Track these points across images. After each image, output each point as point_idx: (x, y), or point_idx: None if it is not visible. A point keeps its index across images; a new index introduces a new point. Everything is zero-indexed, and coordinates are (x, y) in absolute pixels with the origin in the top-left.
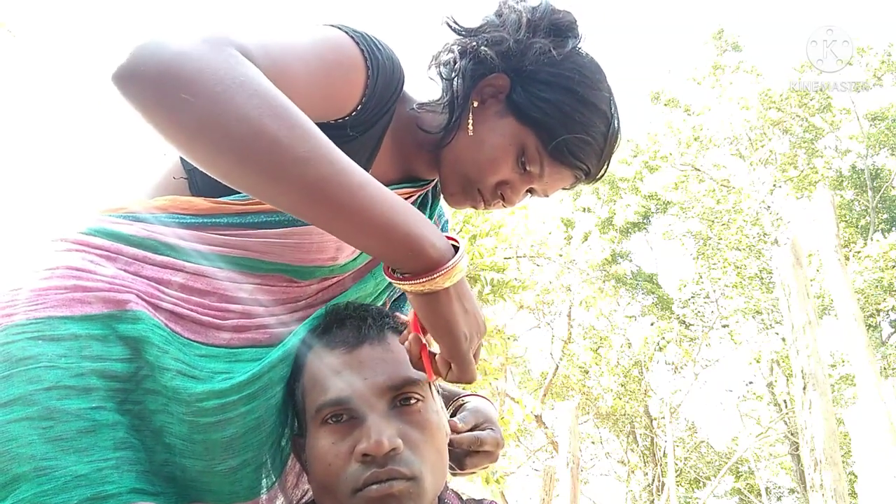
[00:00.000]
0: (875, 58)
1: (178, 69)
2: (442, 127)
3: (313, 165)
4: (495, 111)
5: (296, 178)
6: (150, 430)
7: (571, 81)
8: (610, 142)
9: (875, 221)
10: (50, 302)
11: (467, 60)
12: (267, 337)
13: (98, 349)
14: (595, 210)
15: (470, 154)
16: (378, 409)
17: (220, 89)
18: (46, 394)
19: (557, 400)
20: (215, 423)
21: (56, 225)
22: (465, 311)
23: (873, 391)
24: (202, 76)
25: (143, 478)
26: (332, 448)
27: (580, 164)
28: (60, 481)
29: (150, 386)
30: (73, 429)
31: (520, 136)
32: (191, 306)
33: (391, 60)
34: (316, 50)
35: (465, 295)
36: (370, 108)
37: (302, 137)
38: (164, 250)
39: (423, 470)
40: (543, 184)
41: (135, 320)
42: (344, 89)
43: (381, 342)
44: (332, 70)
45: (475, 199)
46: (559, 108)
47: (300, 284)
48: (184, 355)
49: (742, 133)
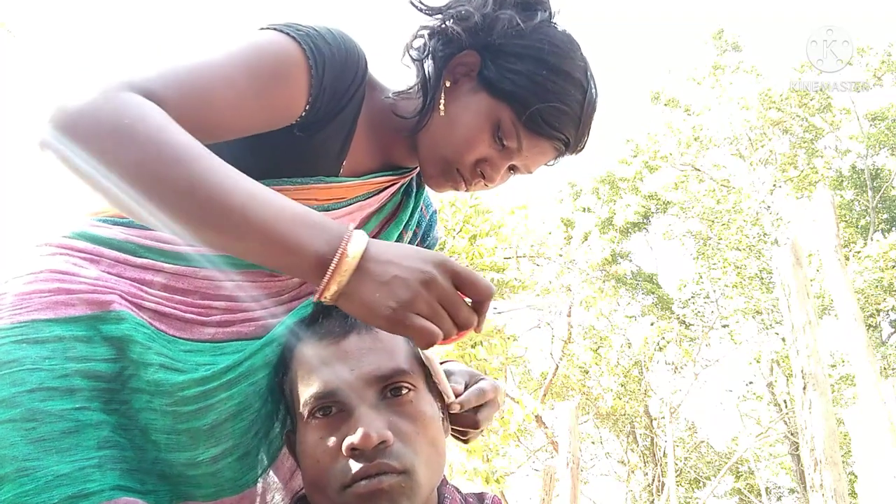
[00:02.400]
0: (875, 58)
1: (74, 128)
2: (417, 111)
3: (193, 195)
4: (468, 89)
5: (183, 210)
6: (138, 429)
7: (541, 52)
8: (587, 110)
9: (875, 221)
10: (34, 305)
11: (436, 40)
12: (252, 330)
13: (82, 350)
14: (595, 210)
15: (445, 134)
16: (367, 400)
17: (109, 145)
18: (30, 396)
19: (557, 400)
20: (196, 410)
21: (43, 229)
22: (378, 284)
23: (873, 391)
24: (97, 133)
25: (129, 476)
26: (320, 443)
27: (557, 135)
28: (42, 481)
29: (136, 385)
30: (55, 429)
31: (494, 111)
32: (174, 304)
33: (343, 50)
34: (245, 64)
35: (375, 269)
36: (323, 104)
37: (180, 173)
38: (143, 253)
39: (415, 463)
40: (524, 158)
41: (118, 320)
42: (285, 94)
43: (369, 331)
44: (266, 80)
45: (455, 180)
46: (531, 78)
47: (281, 279)
48: (168, 350)
49: (742, 133)
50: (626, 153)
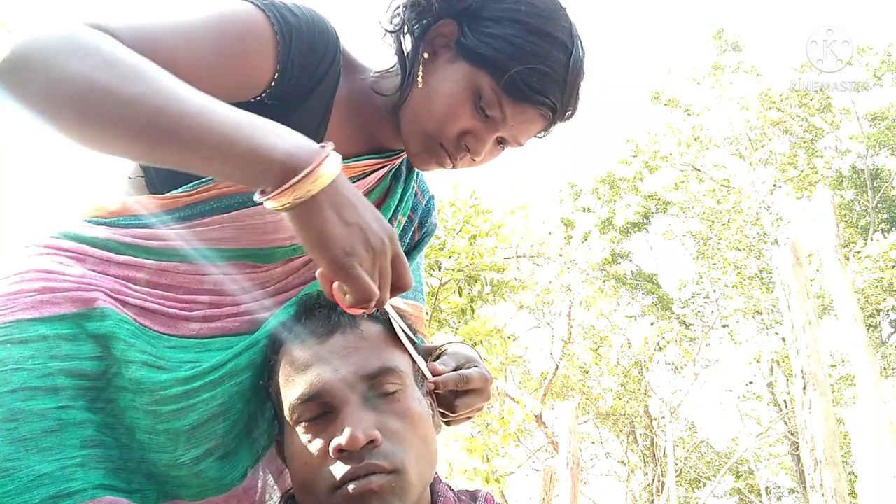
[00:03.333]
0: (875, 58)
1: (21, 52)
2: (397, 87)
3: (145, 102)
4: (446, 59)
5: (131, 118)
6: (124, 428)
7: (519, 13)
8: (573, 72)
9: (875, 221)
10: (19, 306)
11: (410, 11)
12: (237, 325)
13: (67, 349)
14: (595, 210)
15: (426, 108)
16: (353, 400)
17: (57, 60)
18: (11, 396)
19: (557, 400)
20: (177, 410)
21: (33, 230)
22: (342, 221)
23: (873, 391)
24: (42, 52)
25: (114, 475)
26: (308, 446)
27: (542, 99)
28: (23, 481)
29: (120, 383)
30: (37, 429)
31: (473, 79)
32: (158, 300)
33: (311, 23)
34: (209, 27)
35: (343, 204)
36: (293, 77)
37: (134, 79)
38: (125, 250)
39: (405, 462)
40: (510, 128)
41: (102, 317)
42: (249, 59)
43: (353, 330)
44: (231, 44)
45: (440, 156)
46: (509, 41)
47: (264, 269)
48: (152, 348)
49: (742, 133)
50: (626, 153)
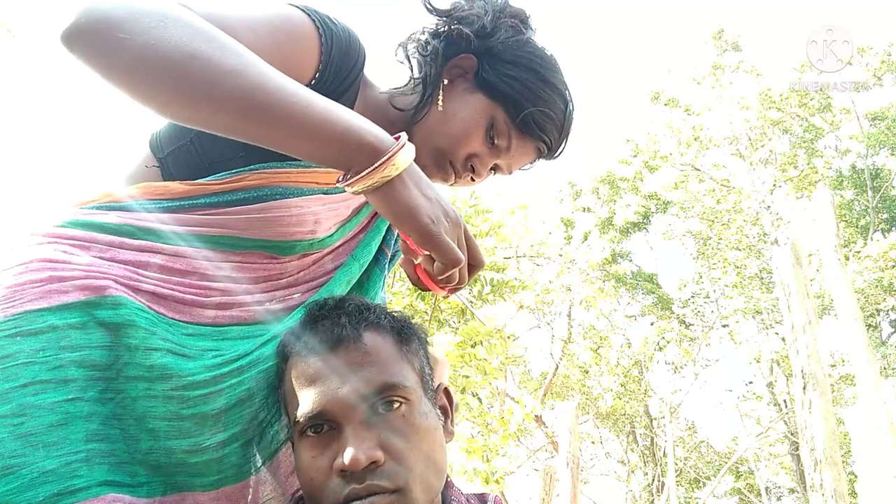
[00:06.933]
0: (875, 58)
1: (112, 14)
2: (414, 105)
3: (245, 76)
4: (464, 88)
5: (230, 90)
6: (132, 419)
7: (533, 63)
8: (568, 119)
9: (875, 221)
10: (26, 297)
11: (439, 41)
12: (251, 315)
13: (77, 338)
14: (595, 210)
15: (442, 127)
16: (356, 418)
17: (153, 24)
18: (22, 391)
19: (557, 400)
20: (205, 395)
21: (33, 221)
22: (425, 196)
23: (873, 391)
24: (135, 16)
25: (118, 469)
26: (312, 462)
27: (544, 137)
28: (27, 479)
29: (131, 373)
30: (43, 423)
31: (490, 110)
32: (172, 286)
33: (346, 33)
34: (265, 19)
35: (422, 182)
36: (330, 75)
37: (234, 53)
38: (141, 235)
39: (409, 480)
40: (509, 158)
41: (116, 305)
42: (297, 54)
43: (357, 344)
44: (283, 37)
45: (446, 172)
46: (525, 84)
47: (280, 260)
48: (171, 335)
49: (742, 133)
50: (626, 153)
